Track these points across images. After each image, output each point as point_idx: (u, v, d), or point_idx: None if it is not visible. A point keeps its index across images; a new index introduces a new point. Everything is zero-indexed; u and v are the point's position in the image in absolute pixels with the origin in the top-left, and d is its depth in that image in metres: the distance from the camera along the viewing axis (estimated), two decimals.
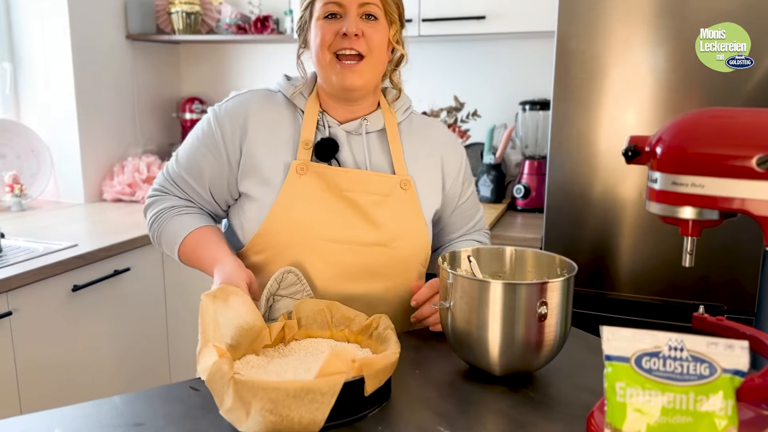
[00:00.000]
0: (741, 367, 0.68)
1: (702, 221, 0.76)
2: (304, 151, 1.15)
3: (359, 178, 1.16)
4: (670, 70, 1.81)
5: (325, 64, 1.13)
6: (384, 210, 1.16)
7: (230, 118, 1.17)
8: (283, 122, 1.18)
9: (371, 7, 1.11)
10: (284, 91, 1.21)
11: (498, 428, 0.88)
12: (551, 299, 0.93)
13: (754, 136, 0.71)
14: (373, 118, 1.21)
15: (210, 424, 0.85)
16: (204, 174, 1.19)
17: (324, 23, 1.12)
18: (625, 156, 0.78)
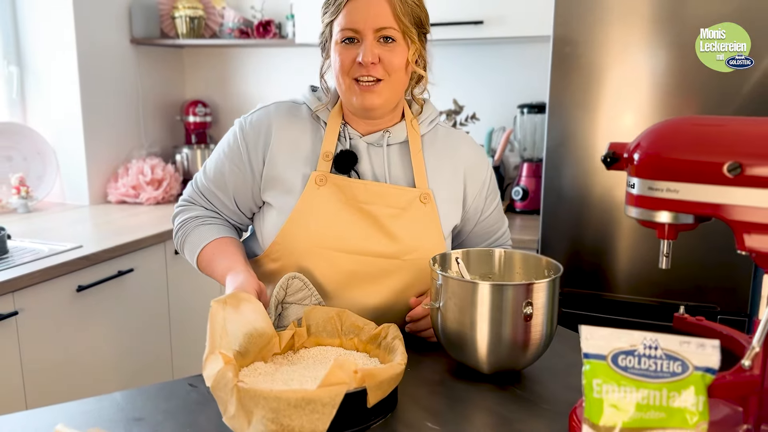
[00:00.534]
0: (712, 364, 0.71)
1: (678, 225, 0.79)
2: (324, 163, 1.17)
3: (377, 190, 1.16)
4: (667, 73, 1.83)
5: (345, 88, 1.14)
6: (401, 223, 1.16)
7: (254, 130, 1.20)
8: (306, 134, 1.20)
9: (388, 30, 1.10)
10: (309, 103, 1.22)
11: (484, 424, 0.91)
12: (537, 300, 0.96)
13: (725, 144, 0.74)
14: (395, 131, 1.21)
15: (207, 420, 0.89)
16: (228, 185, 1.22)
17: (342, 48, 1.12)
18: (604, 162, 0.81)
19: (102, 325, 2.03)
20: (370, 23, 1.09)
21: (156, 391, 0.99)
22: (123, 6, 2.73)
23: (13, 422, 0.90)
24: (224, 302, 0.93)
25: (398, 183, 1.20)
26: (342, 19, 1.11)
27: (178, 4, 2.83)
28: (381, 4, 1.09)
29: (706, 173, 0.74)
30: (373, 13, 1.09)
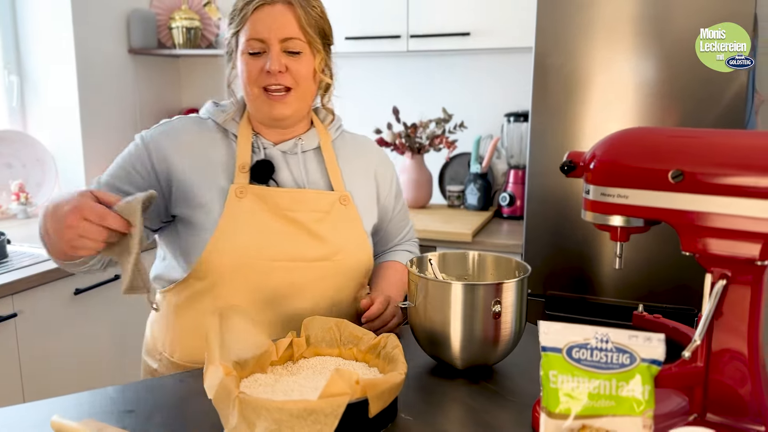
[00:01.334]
0: (657, 356, 0.77)
1: (629, 228, 0.85)
2: (241, 175, 1.16)
3: (299, 196, 1.18)
4: (650, 83, 1.89)
5: (254, 98, 1.16)
6: (326, 226, 1.19)
7: (159, 143, 1.18)
8: (216, 147, 1.19)
9: (293, 42, 1.13)
10: (214, 117, 1.22)
11: (454, 415, 0.97)
12: (505, 298, 1.02)
13: (669, 153, 0.80)
14: (307, 137, 1.24)
15: (197, 412, 0.94)
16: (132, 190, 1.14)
17: (249, 59, 1.14)
18: (562, 170, 0.87)
19: (98, 327, 2.09)
20: (276, 33, 1.11)
21: (147, 386, 1.04)
22: (121, 17, 2.80)
23: (11, 414, 0.95)
24: (220, 315, 0.95)
25: (317, 188, 1.22)
26: (248, 30, 1.12)
27: (175, 15, 2.90)
28: (286, 15, 1.12)
29: (653, 180, 0.80)
30: (278, 23, 1.11)
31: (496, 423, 0.92)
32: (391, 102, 2.75)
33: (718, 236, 0.78)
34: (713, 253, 0.79)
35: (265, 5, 1.12)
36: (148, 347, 1.29)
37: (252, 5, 1.12)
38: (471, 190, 2.63)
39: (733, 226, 0.77)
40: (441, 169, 2.83)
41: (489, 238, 2.29)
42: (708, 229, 0.78)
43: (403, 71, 2.83)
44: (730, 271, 0.80)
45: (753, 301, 0.80)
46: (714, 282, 0.80)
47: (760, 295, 0.81)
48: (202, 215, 1.15)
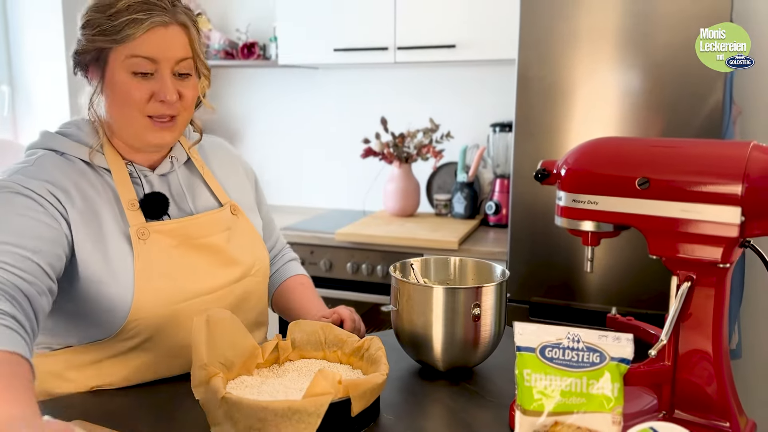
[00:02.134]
0: (626, 355, 0.81)
1: (599, 233, 0.89)
2: (133, 213, 1.03)
3: (202, 221, 1.09)
4: (633, 93, 1.94)
5: (136, 127, 1.03)
6: (235, 242, 1.14)
7: (39, 184, 0.97)
8: (93, 186, 1.03)
9: (187, 63, 1.03)
10: (70, 152, 1.04)
11: (435, 415, 1.00)
12: (485, 302, 1.06)
13: (636, 161, 0.84)
14: (176, 152, 1.14)
15: (184, 412, 0.97)
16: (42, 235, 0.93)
17: (132, 81, 0.99)
18: (536, 177, 0.91)
19: None
20: (170, 54, 1.00)
21: (135, 388, 1.07)
22: None
23: None
24: (206, 318, 0.96)
25: (204, 205, 1.14)
26: (134, 48, 0.98)
27: None
28: (180, 37, 1.02)
29: (621, 187, 0.84)
30: (173, 44, 1.00)
31: (474, 422, 0.95)
32: (379, 112, 2.79)
33: (683, 240, 0.82)
34: (678, 257, 0.83)
35: (159, 27, 0.99)
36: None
37: (144, 25, 0.98)
38: (458, 198, 2.67)
39: (696, 230, 0.81)
40: (428, 178, 2.87)
41: (475, 246, 2.33)
42: (673, 234, 0.82)
43: (391, 82, 2.88)
44: (694, 273, 0.84)
45: (717, 303, 0.84)
46: (679, 284, 0.84)
47: (724, 296, 0.85)
48: (110, 268, 1.00)
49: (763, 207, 0.78)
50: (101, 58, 1.01)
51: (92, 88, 1.04)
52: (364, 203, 2.94)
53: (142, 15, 0.98)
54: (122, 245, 1.01)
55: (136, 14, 0.97)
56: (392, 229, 2.47)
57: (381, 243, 2.38)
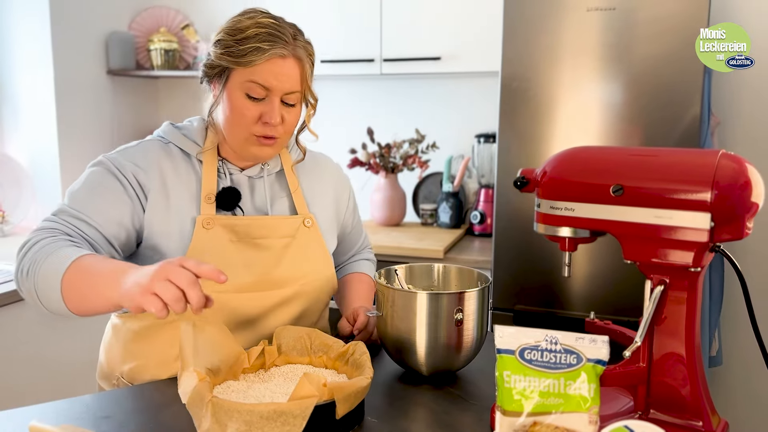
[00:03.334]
0: (602, 357, 0.83)
1: (576, 239, 0.92)
2: (207, 205, 1.15)
3: (267, 223, 1.18)
4: (615, 106, 1.98)
5: (242, 140, 1.14)
6: (293, 250, 1.20)
7: (131, 165, 1.13)
8: (181, 173, 1.16)
9: (295, 95, 1.13)
10: (176, 142, 1.19)
11: (418, 417, 1.02)
12: (467, 307, 1.08)
13: (610, 169, 0.87)
14: (271, 161, 1.25)
15: (171, 417, 0.98)
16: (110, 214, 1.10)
17: (246, 102, 1.11)
18: (515, 185, 0.94)
19: (73, 342, 2.10)
20: (282, 86, 1.10)
21: (123, 393, 1.08)
22: (100, 39, 2.84)
23: None
24: (193, 324, 0.99)
25: (281, 212, 1.23)
26: (252, 74, 1.09)
27: (153, 38, 2.96)
28: (294, 70, 1.12)
29: (596, 194, 0.87)
30: (285, 76, 1.10)
31: (457, 424, 0.97)
32: (366, 123, 2.82)
33: (656, 245, 0.85)
34: (651, 261, 0.86)
35: (277, 57, 1.09)
36: (103, 372, 1.27)
37: (266, 55, 1.08)
38: (443, 208, 2.70)
39: (668, 235, 0.84)
40: (414, 188, 2.91)
41: (460, 255, 2.36)
42: (646, 239, 0.85)
43: (377, 93, 2.92)
44: (667, 277, 0.87)
45: (689, 306, 0.87)
46: (653, 287, 0.87)
47: (696, 299, 0.88)
48: (169, 244, 1.13)
49: (732, 213, 0.82)
50: (224, 75, 1.12)
51: (213, 99, 1.17)
52: None
53: (265, 45, 1.08)
54: (187, 228, 1.14)
55: (260, 43, 1.08)
56: (378, 238, 2.50)
57: None
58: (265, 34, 1.09)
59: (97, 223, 1.09)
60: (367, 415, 0.99)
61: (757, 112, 2.36)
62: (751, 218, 0.84)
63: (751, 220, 0.84)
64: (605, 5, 1.94)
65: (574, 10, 1.97)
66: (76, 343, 2.11)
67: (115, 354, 1.22)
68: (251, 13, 1.13)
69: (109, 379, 1.24)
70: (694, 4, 1.87)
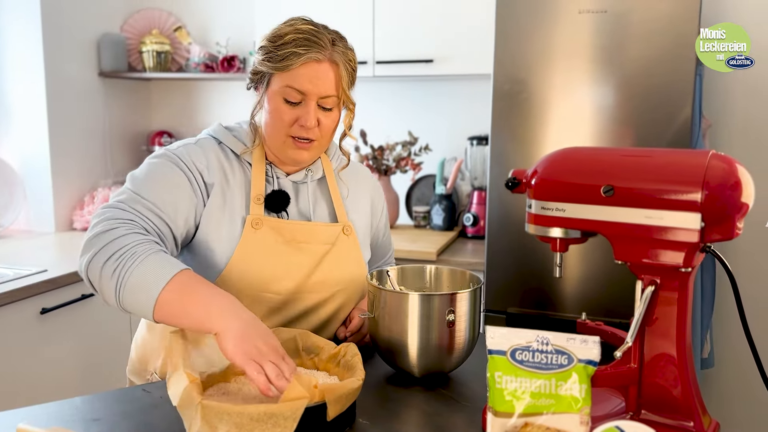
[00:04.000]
0: (593, 357, 0.83)
1: (567, 239, 0.92)
2: (257, 206, 1.19)
3: (312, 229, 1.21)
4: (605, 108, 1.99)
5: (280, 143, 1.18)
6: (332, 257, 1.23)
7: (196, 162, 1.17)
8: (234, 173, 1.21)
9: (331, 99, 1.16)
10: (228, 143, 1.23)
11: (409, 419, 1.02)
12: (459, 308, 1.08)
13: (601, 169, 0.88)
14: (314, 167, 1.28)
15: (161, 419, 0.98)
16: (179, 210, 1.13)
17: (284, 106, 1.15)
18: (507, 186, 0.94)
19: (65, 346, 2.09)
20: (317, 90, 1.14)
21: (112, 396, 1.07)
22: (91, 40, 2.83)
23: None
24: (182, 334, 0.98)
25: (322, 218, 1.27)
26: (289, 79, 1.13)
27: (145, 40, 2.95)
28: (329, 74, 1.14)
29: (587, 195, 0.87)
30: (321, 80, 1.13)
31: (448, 425, 0.97)
32: (359, 125, 2.82)
33: (646, 246, 0.85)
34: (642, 262, 0.86)
35: (313, 62, 1.13)
36: (135, 368, 1.30)
37: (301, 59, 1.12)
38: (436, 210, 2.70)
39: (659, 236, 0.84)
40: (407, 191, 2.90)
41: (453, 257, 2.36)
42: (637, 239, 0.86)
43: (370, 95, 2.91)
44: (658, 277, 0.87)
45: (680, 306, 0.88)
46: (644, 288, 0.87)
47: (687, 299, 0.88)
48: (220, 240, 1.17)
49: (722, 213, 0.82)
50: (264, 81, 1.18)
51: (256, 102, 1.21)
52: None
53: (301, 50, 1.12)
54: (236, 226, 1.18)
55: (297, 48, 1.12)
56: None
57: None
58: (303, 39, 1.13)
59: (169, 218, 1.12)
60: (359, 417, 0.98)
61: (748, 114, 2.37)
62: (742, 218, 0.84)
63: (742, 220, 0.84)
64: (597, 8, 1.95)
65: (565, 13, 1.98)
66: (68, 346, 2.10)
67: (149, 349, 1.27)
68: (292, 21, 1.17)
69: (142, 375, 1.28)
70: (685, 7, 1.88)
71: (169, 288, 0.97)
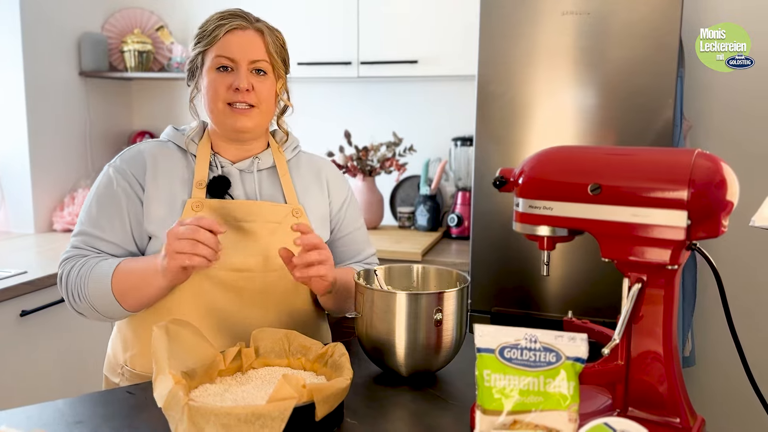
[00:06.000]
0: (581, 354, 0.84)
1: (555, 237, 0.92)
2: (198, 191, 1.24)
3: (253, 207, 1.24)
4: (588, 110, 2.00)
5: (219, 112, 1.23)
6: (279, 237, 1.24)
7: (129, 166, 1.25)
8: (177, 167, 1.26)
9: (261, 63, 1.23)
10: (173, 139, 1.30)
11: (397, 418, 1.02)
12: (446, 307, 1.08)
13: (588, 168, 0.88)
14: (264, 156, 1.31)
15: (144, 422, 0.96)
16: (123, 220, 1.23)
17: (217, 76, 1.22)
18: (494, 185, 0.94)
19: (45, 348, 2.05)
20: (246, 55, 1.21)
21: (95, 398, 1.06)
22: (72, 40, 2.79)
23: None
24: (165, 328, 0.98)
25: (269, 199, 1.28)
26: (218, 49, 1.21)
27: (127, 39, 2.92)
28: (256, 40, 1.23)
29: (574, 193, 0.88)
30: (249, 46, 1.22)
31: (436, 425, 0.97)
32: (343, 125, 2.82)
33: (633, 243, 0.86)
34: (629, 259, 0.87)
35: (237, 29, 1.22)
36: (110, 363, 1.33)
37: (225, 28, 1.21)
38: (421, 211, 2.70)
39: (645, 234, 0.85)
40: (392, 191, 2.90)
41: (438, 257, 2.36)
42: (623, 237, 0.86)
43: (355, 96, 2.91)
44: (645, 275, 0.88)
45: (666, 303, 0.88)
46: (631, 285, 0.88)
47: (673, 297, 0.89)
48: (161, 230, 1.20)
49: (708, 210, 0.83)
50: (199, 63, 1.25)
51: (192, 88, 1.30)
52: None
53: (226, 21, 1.22)
54: (178, 212, 1.22)
55: (222, 21, 1.23)
56: None
57: None
58: (227, 14, 1.24)
59: (116, 240, 1.24)
60: (347, 417, 0.98)
61: (727, 116, 2.40)
62: (727, 216, 0.85)
63: (727, 218, 0.85)
64: (580, 9, 1.96)
65: (549, 15, 1.99)
66: (48, 348, 2.06)
67: (117, 343, 1.31)
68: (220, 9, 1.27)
69: (115, 369, 1.30)
70: (667, 9, 1.91)
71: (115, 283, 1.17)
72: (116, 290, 1.17)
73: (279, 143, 1.36)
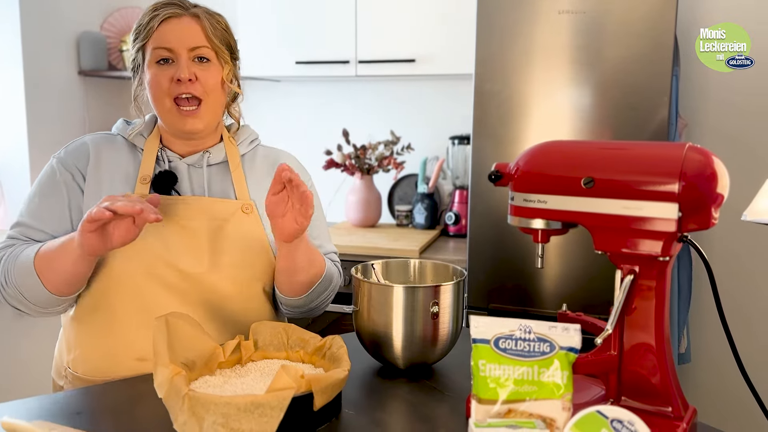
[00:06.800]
0: (574, 345, 0.85)
1: (549, 230, 0.94)
2: (142, 186, 1.18)
3: (197, 204, 1.18)
4: (584, 108, 2.02)
5: (165, 111, 1.18)
6: (224, 235, 1.18)
7: (72, 158, 1.21)
8: (123, 161, 1.22)
9: (202, 50, 1.17)
10: (122, 133, 1.25)
11: (394, 409, 1.03)
12: (443, 300, 1.09)
13: (582, 162, 0.89)
14: (215, 151, 1.25)
15: (145, 412, 0.97)
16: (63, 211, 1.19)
17: (157, 69, 1.17)
18: (490, 179, 0.95)
19: (40, 344, 2.06)
20: (184, 43, 1.16)
21: (95, 389, 1.07)
22: (71, 39, 2.81)
23: None
24: (165, 319, 0.98)
25: (219, 195, 1.22)
26: (155, 41, 1.16)
27: (126, 38, 2.93)
28: (193, 26, 1.17)
29: (568, 186, 0.89)
30: (186, 33, 1.16)
31: (433, 415, 0.99)
32: (341, 124, 2.83)
33: (625, 236, 0.87)
34: (621, 251, 0.88)
35: (172, 18, 1.17)
36: (57, 366, 1.28)
37: (158, 18, 1.17)
38: (418, 209, 2.72)
39: (637, 226, 0.86)
40: (390, 190, 2.92)
41: (435, 255, 2.38)
42: (616, 230, 0.88)
43: (352, 95, 2.93)
44: (637, 266, 0.89)
45: (658, 295, 0.90)
46: (623, 277, 0.89)
47: (665, 288, 0.90)
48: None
49: (698, 203, 0.84)
50: (140, 60, 1.20)
51: (134, 86, 1.23)
52: (327, 214, 2.96)
53: (160, 11, 1.18)
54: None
55: (156, 11, 1.18)
56: (354, 239, 2.50)
57: (343, 253, 2.40)
58: (161, 4, 1.19)
59: (54, 232, 1.18)
60: (344, 408, 0.99)
61: (722, 114, 2.42)
62: (717, 208, 0.86)
63: (717, 210, 0.87)
64: (576, 8, 1.98)
65: (545, 13, 2.01)
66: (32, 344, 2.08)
67: (63, 345, 1.26)
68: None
69: (60, 372, 1.26)
70: (662, 8, 1.92)
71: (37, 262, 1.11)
72: (38, 267, 1.10)
73: (232, 135, 1.29)
